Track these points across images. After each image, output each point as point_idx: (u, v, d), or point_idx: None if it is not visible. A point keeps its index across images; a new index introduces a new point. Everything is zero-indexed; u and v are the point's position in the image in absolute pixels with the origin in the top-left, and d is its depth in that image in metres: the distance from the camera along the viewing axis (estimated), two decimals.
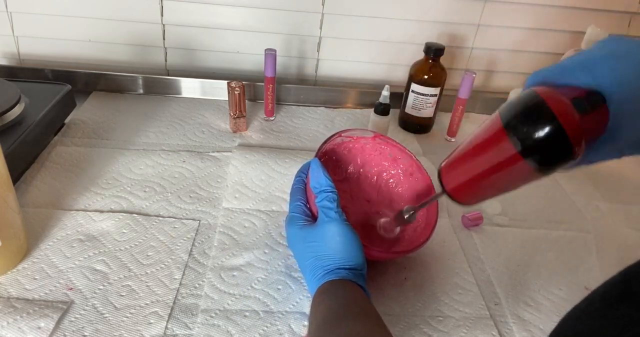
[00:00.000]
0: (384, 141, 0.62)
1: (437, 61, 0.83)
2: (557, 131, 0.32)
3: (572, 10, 0.93)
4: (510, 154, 0.35)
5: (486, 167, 0.38)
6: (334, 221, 0.47)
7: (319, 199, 0.48)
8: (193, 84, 0.91)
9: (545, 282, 0.58)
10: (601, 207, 0.73)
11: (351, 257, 0.45)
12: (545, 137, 0.33)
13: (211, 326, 0.47)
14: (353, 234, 0.46)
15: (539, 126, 0.33)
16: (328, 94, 0.94)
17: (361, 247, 0.47)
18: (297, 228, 0.49)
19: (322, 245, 0.46)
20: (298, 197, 0.51)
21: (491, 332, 0.51)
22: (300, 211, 0.50)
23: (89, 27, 0.90)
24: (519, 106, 0.35)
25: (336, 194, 0.48)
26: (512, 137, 0.35)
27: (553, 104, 0.33)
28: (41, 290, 0.49)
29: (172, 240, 0.57)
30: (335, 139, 0.59)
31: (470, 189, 0.41)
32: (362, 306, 0.42)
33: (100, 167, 0.68)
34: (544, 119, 0.33)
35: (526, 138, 0.34)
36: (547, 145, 0.33)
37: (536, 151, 0.34)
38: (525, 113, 0.34)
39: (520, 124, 0.34)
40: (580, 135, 0.33)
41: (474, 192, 0.41)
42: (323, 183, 0.49)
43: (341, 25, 0.92)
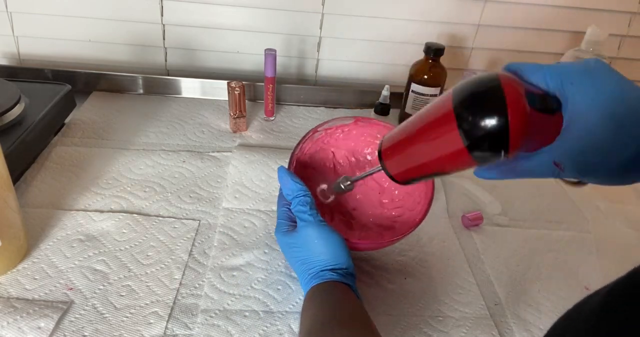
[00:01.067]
0: (367, 123, 0.60)
1: (437, 61, 0.83)
2: (501, 112, 0.32)
3: (572, 10, 0.93)
4: (447, 123, 0.34)
5: (423, 145, 0.37)
6: (309, 223, 0.47)
7: (293, 205, 0.48)
8: (193, 84, 0.91)
9: (545, 282, 0.58)
10: (601, 207, 0.73)
11: (333, 257, 0.45)
12: (487, 117, 0.32)
13: (211, 326, 0.47)
14: (332, 233, 0.46)
15: (485, 104, 0.32)
16: (328, 94, 0.94)
17: (344, 245, 0.46)
18: (282, 234, 0.49)
19: (303, 249, 0.46)
20: (283, 202, 0.51)
21: (491, 332, 0.51)
22: (285, 217, 0.50)
23: (89, 27, 0.90)
24: (475, 80, 0.34)
25: (309, 196, 0.48)
26: (455, 108, 0.33)
27: (507, 88, 0.32)
28: (41, 290, 0.49)
29: (172, 240, 0.57)
30: (312, 135, 0.58)
31: (408, 170, 0.40)
32: (348, 310, 0.41)
33: (100, 167, 0.68)
34: (492, 95, 0.32)
35: (467, 111, 0.33)
36: (485, 123, 0.32)
37: (473, 132, 0.33)
38: (477, 90, 0.34)
39: (468, 98, 0.33)
40: (522, 124, 0.32)
41: (409, 169, 0.40)
42: (294, 189, 0.49)
43: (341, 25, 0.92)
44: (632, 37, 0.97)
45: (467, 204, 0.69)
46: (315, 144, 0.60)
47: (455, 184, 0.73)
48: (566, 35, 0.96)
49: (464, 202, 0.70)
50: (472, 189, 0.71)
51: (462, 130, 0.33)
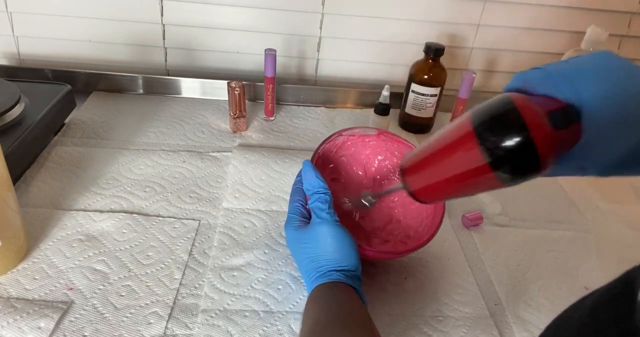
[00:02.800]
0: (389, 138, 0.61)
1: (437, 61, 0.83)
2: (527, 144, 0.31)
3: (572, 10, 0.93)
4: (475, 160, 0.34)
5: (450, 170, 0.37)
6: (326, 222, 0.46)
7: (311, 201, 0.48)
8: (193, 84, 0.91)
9: (545, 282, 0.58)
10: (601, 207, 0.73)
11: (344, 258, 0.45)
12: (513, 149, 0.32)
13: (211, 326, 0.47)
14: (345, 234, 0.46)
15: (508, 136, 0.32)
16: (328, 94, 0.94)
17: (355, 248, 0.46)
18: (293, 229, 0.49)
19: (314, 247, 0.46)
20: (297, 198, 0.51)
21: (491, 332, 0.51)
22: (297, 212, 0.50)
23: (89, 27, 0.90)
24: (491, 111, 0.34)
25: (329, 195, 0.48)
26: (480, 143, 0.33)
27: (526, 115, 0.32)
28: (41, 290, 0.49)
29: (172, 240, 0.57)
30: (336, 138, 0.59)
31: (431, 190, 0.40)
32: (352, 312, 0.41)
33: (100, 167, 0.68)
34: (515, 129, 0.32)
35: (493, 146, 0.33)
36: (513, 156, 0.32)
37: (502, 161, 0.33)
38: (497, 120, 0.33)
39: (490, 131, 0.33)
40: (550, 150, 0.32)
41: (435, 193, 0.40)
42: (315, 185, 0.49)
43: (341, 25, 0.92)
44: (632, 37, 0.97)
45: (467, 204, 0.69)
46: (337, 145, 0.61)
47: None
48: (566, 35, 0.96)
49: (464, 202, 0.70)
50: None
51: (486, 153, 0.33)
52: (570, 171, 0.36)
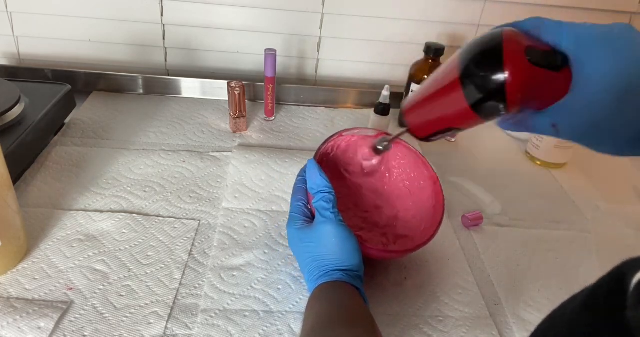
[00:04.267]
0: None
1: (437, 61, 0.83)
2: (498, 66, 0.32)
3: (572, 10, 0.93)
4: (452, 81, 0.36)
5: (433, 102, 0.39)
6: (330, 221, 0.46)
7: (315, 200, 0.48)
8: (193, 84, 0.91)
9: (545, 282, 0.58)
10: (601, 207, 0.72)
11: (346, 258, 0.45)
12: (484, 71, 0.33)
13: (211, 326, 0.47)
14: (349, 234, 0.46)
15: (483, 60, 0.33)
16: (328, 94, 0.94)
17: (358, 248, 0.46)
18: (296, 228, 0.49)
19: (317, 246, 0.46)
20: (299, 197, 0.51)
21: (491, 332, 0.51)
22: (300, 211, 0.50)
23: (89, 27, 0.90)
24: (480, 37, 0.35)
25: (333, 194, 0.48)
26: (460, 68, 0.35)
27: (507, 44, 0.33)
28: (41, 290, 0.49)
29: (172, 240, 0.57)
30: (337, 138, 0.59)
31: (424, 122, 0.41)
32: (354, 311, 0.41)
33: (100, 167, 0.68)
34: (490, 53, 0.33)
35: (469, 71, 0.34)
36: (483, 86, 0.33)
37: (473, 89, 0.34)
38: (478, 46, 0.35)
39: (469, 60, 0.34)
40: (520, 79, 0.32)
41: (427, 124, 0.41)
42: (319, 184, 0.49)
43: (341, 25, 0.92)
44: None
45: (467, 204, 0.69)
46: (338, 146, 0.61)
47: (456, 184, 0.73)
48: None
49: (464, 202, 0.70)
50: (472, 189, 0.71)
51: (463, 84, 0.35)
52: (543, 125, 0.35)
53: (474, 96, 0.34)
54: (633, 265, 0.23)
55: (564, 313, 0.28)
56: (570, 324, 0.26)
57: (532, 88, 0.33)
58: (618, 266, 0.24)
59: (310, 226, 0.48)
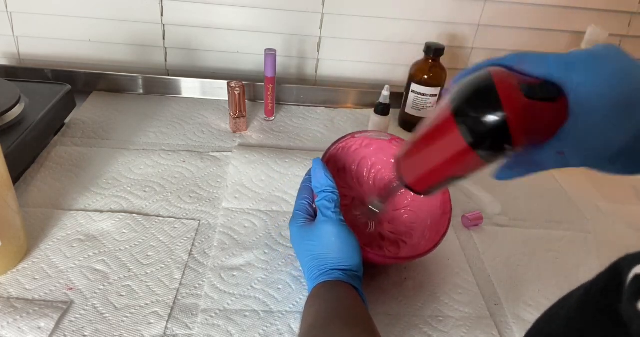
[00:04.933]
0: (401, 144, 0.61)
1: (437, 61, 0.83)
2: (497, 110, 0.31)
3: (572, 10, 0.93)
4: (451, 134, 0.34)
5: (432, 151, 0.37)
6: (331, 220, 0.47)
7: (318, 199, 0.49)
8: (193, 84, 0.91)
9: (545, 282, 0.58)
10: (601, 207, 0.73)
11: (346, 257, 0.45)
12: (484, 118, 0.32)
13: (211, 326, 0.47)
14: (349, 234, 0.46)
15: (479, 105, 0.32)
16: (328, 94, 0.94)
17: (358, 248, 0.46)
18: (298, 226, 0.49)
19: (317, 244, 0.46)
20: (304, 195, 0.51)
21: (491, 332, 0.51)
22: (304, 210, 0.50)
23: (89, 27, 0.90)
24: (467, 80, 0.34)
25: (336, 194, 0.48)
26: (455, 117, 0.33)
27: (500, 85, 0.32)
28: (41, 290, 0.49)
29: (172, 240, 0.57)
30: (349, 139, 0.59)
31: (423, 178, 0.40)
32: (353, 310, 0.41)
33: (100, 167, 0.68)
34: (486, 98, 0.32)
35: (466, 117, 0.33)
36: (485, 126, 0.32)
37: (474, 131, 0.33)
38: (470, 89, 0.33)
39: (463, 103, 0.33)
40: (522, 121, 0.31)
41: (427, 181, 0.40)
42: (323, 183, 0.49)
43: (341, 25, 0.92)
44: (632, 37, 0.97)
45: (467, 204, 0.69)
46: (348, 147, 0.61)
47: (456, 184, 0.72)
48: (566, 35, 0.96)
49: (464, 202, 0.70)
50: (472, 189, 0.71)
51: (463, 130, 0.33)
52: (550, 157, 0.35)
53: (476, 140, 0.33)
54: (630, 260, 0.23)
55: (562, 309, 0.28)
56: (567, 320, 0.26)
57: (533, 121, 0.32)
58: (615, 262, 0.24)
59: (312, 224, 0.48)
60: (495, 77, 0.33)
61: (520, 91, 0.32)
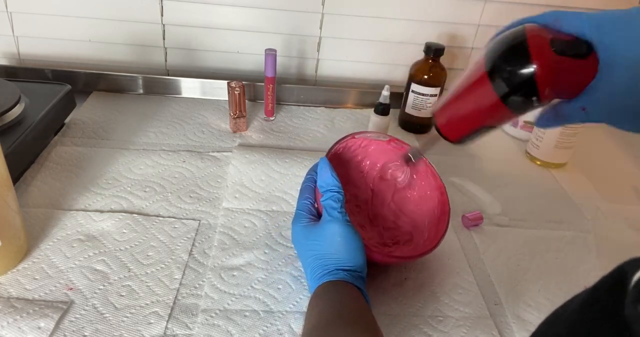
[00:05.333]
0: (399, 145, 0.61)
1: (437, 61, 0.83)
2: (527, 68, 0.33)
3: (572, 10, 0.93)
4: (483, 80, 0.36)
5: (465, 102, 0.39)
6: (336, 220, 0.46)
7: (323, 198, 0.48)
8: (193, 84, 0.91)
9: (545, 282, 0.58)
10: (601, 207, 0.73)
11: (351, 258, 0.45)
12: (515, 73, 0.33)
13: (211, 325, 0.47)
14: (354, 234, 0.46)
15: (511, 55, 0.34)
16: (328, 94, 0.94)
17: (362, 248, 0.46)
18: (301, 226, 0.49)
19: (322, 244, 0.46)
20: (306, 195, 0.51)
21: (491, 332, 0.51)
22: (306, 209, 0.50)
23: (89, 27, 0.90)
24: (502, 40, 0.36)
25: (342, 194, 0.48)
26: (487, 69, 0.35)
27: (532, 38, 0.33)
28: (41, 290, 0.49)
29: (172, 240, 0.57)
30: (349, 139, 0.59)
31: (457, 127, 0.41)
32: (356, 311, 0.41)
33: (100, 167, 0.68)
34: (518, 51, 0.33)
35: (497, 68, 0.34)
36: (515, 81, 0.33)
37: (506, 86, 0.34)
38: (503, 44, 0.35)
39: (496, 56, 0.35)
40: (548, 70, 0.33)
41: (459, 125, 0.41)
42: (329, 182, 0.49)
43: (341, 25, 0.92)
44: None
45: (467, 204, 0.69)
46: (348, 148, 0.61)
47: (456, 184, 0.73)
48: None
49: (464, 202, 0.70)
50: (472, 189, 0.72)
51: (494, 81, 0.35)
52: (575, 111, 0.36)
53: (506, 91, 0.35)
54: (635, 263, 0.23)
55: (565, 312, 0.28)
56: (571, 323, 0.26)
57: (561, 77, 0.34)
58: (620, 265, 0.24)
59: (316, 224, 0.48)
60: (528, 32, 0.34)
61: (550, 47, 0.33)
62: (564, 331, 0.26)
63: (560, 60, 0.33)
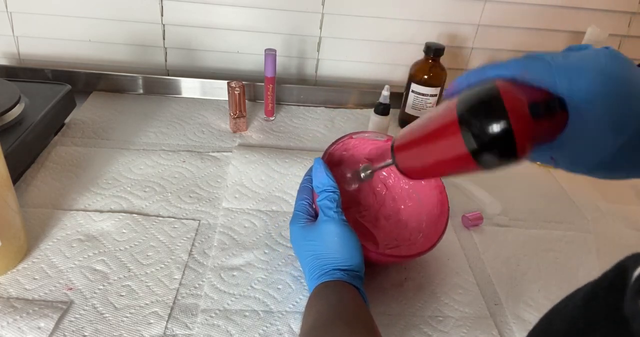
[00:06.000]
0: None
1: (437, 61, 0.83)
2: (506, 131, 0.32)
3: (572, 10, 0.93)
4: (456, 143, 0.35)
5: (433, 151, 0.38)
6: (332, 220, 0.46)
7: (319, 198, 0.49)
8: (193, 84, 0.91)
9: (545, 282, 0.58)
10: (601, 207, 0.73)
11: (348, 257, 0.45)
12: (492, 135, 0.32)
13: (211, 326, 0.47)
14: (351, 234, 0.46)
15: (488, 122, 0.32)
16: (328, 94, 0.94)
17: (359, 248, 0.46)
18: (299, 226, 0.49)
19: (319, 244, 0.46)
20: (304, 196, 0.51)
21: (491, 332, 0.51)
22: (304, 210, 0.50)
23: (89, 27, 0.90)
24: (476, 97, 0.34)
25: (338, 194, 0.48)
26: (461, 128, 0.34)
27: (509, 103, 0.32)
28: (41, 290, 0.49)
29: (172, 240, 0.57)
30: (347, 140, 0.59)
31: (417, 169, 0.41)
32: (354, 311, 0.41)
33: (100, 167, 0.68)
34: (496, 117, 0.32)
35: (473, 131, 0.33)
36: (492, 142, 0.33)
37: (481, 146, 0.33)
38: (479, 106, 0.34)
39: (472, 116, 0.34)
40: (528, 139, 0.32)
41: (420, 171, 0.41)
42: (325, 183, 0.49)
43: (341, 25, 0.92)
44: (632, 37, 0.97)
45: (467, 204, 0.69)
46: (346, 148, 0.61)
47: (456, 184, 0.73)
48: (566, 35, 0.96)
49: (464, 202, 0.70)
50: (472, 189, 0.71)
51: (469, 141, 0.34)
52: (543, 159, 0.37)
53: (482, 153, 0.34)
54: (635, 259, 0.23)
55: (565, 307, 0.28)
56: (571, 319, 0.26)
57: (537, 137, 0.33)
58: (621, 261, 0.24)
59: (314, 224, 0.48)
60: (503, 94, 0.33)
61: (528, 112, 0.33)
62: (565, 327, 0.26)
63: (537, 124, 0.33)
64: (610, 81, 0.32)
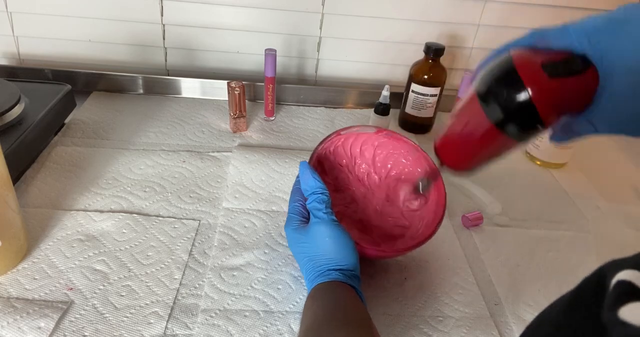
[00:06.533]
0: (388, 136, 0.61)
1: (437, 61, 0.83)
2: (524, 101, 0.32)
3: (572, 10, 0.93)
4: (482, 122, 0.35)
5: (468, 136, 0.38)
6: (323, 221, 0.47)
7: (309, 201, 0.49)
8: (193, 84, 0.91)
9: (545, 282, 0.58)
10: (601, 207, 0.73)
11: (342, 257, 0.45)
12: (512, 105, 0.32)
13: (211, 325, 0.47)
14: (343, 234, 0.46)
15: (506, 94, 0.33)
16: (328, 94, 0.94)
17: (353, 247, 0.46)
18: (293, 229, 0.49)
19: (312, 246, 0.46)
20: (296, 198, 0.51)
21: (491, 332, 0.51)
22: (297, 212, 0.50)
23: (89, 27, 0.90)
24: (488, 67, 0.35)
25: (326, 195, 0.48)
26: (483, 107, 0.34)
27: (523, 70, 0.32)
28: (41, 290, 0.49)
29: (172, 240, 0.57)
30: (334, 137, 0.59)
31: (462, 159, 0.41)
32: (351, 310, 0.41)
33: (100, 167, 0.68)
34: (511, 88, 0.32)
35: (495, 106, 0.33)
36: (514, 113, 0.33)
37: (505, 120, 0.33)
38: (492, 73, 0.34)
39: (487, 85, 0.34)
40: (547, 99, 0.32)
41: (466, 160, 0.41)
42: (312, 185, 0.49)
43: (341, 25, 0.92)
44: None
45: (467, 204, 0.69)
46: (335, 145, 0.61)
47: (456, 184, 0.73)
48: None
49: (464, 202, 0.70)
50: (472, 189, 0.71)
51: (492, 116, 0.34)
52: (583, 125, 0.35)
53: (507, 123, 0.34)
54: (614, 266, 0.23)
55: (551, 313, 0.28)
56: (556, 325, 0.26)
57: (560, 98, 0.33)
58: (600, 267, 0.24)
59: (306, 226, 0.48)
60: (516, 60, 0.33)
61: (543, 71, 0.32)
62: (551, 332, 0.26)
63: (555, 83, 0.32)
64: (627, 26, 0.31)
